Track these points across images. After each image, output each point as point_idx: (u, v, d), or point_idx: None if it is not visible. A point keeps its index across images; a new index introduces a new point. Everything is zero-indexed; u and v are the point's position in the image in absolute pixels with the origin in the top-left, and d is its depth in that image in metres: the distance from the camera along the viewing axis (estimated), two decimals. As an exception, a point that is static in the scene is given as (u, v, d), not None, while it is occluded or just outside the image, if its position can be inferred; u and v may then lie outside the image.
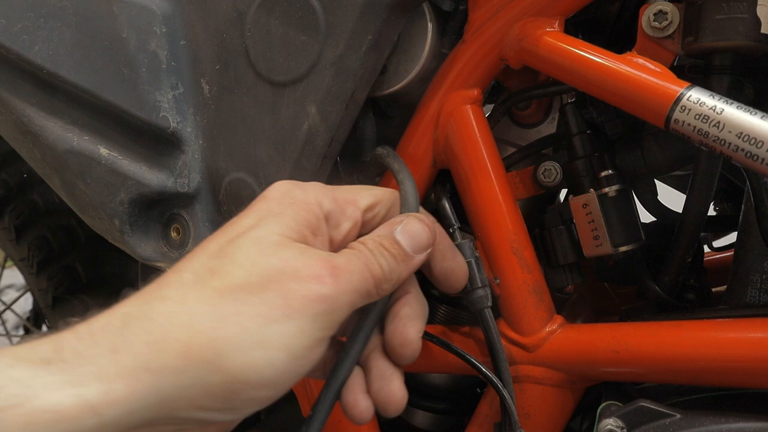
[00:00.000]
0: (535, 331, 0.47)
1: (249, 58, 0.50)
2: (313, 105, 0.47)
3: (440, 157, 0.50)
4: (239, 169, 0.52)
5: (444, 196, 0.49)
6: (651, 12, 0.43)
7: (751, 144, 0.36)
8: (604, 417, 0.43)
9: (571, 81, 0.44)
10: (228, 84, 0.52)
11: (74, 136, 0.54)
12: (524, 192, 0.52)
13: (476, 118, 0.48)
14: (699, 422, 0.40)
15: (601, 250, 0.48)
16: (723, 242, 0.74)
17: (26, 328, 1.30)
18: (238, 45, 0.50)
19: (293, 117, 0.48)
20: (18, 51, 0.51)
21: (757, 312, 0.42)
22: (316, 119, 0.47)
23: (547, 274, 0.50)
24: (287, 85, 0.48)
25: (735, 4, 0.40)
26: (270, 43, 0.48)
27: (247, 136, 0.51)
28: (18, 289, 1.39)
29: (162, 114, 0.53)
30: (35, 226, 0.94)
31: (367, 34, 0.45)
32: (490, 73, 0.49)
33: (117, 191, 0.54)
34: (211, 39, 0.52)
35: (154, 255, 0.57)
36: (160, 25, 0.54)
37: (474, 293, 0.45)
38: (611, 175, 0.48)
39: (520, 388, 0.47)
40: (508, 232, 0.47)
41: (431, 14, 0.48)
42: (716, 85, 0.42)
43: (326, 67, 0.46)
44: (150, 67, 0.53)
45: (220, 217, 0.54)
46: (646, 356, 0.43)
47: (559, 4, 0.45)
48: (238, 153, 0.52)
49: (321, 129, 0.47)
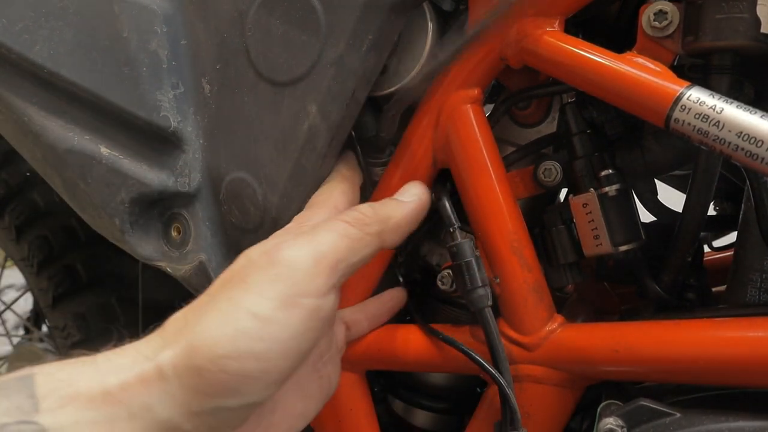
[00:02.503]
0: (535, 330, 0.47)
1: (249, 58, 0.50)
2: (313, 104, 0.47)
3: (440, 157, 0.50)
4: (240, 168, 0.52)
5: (444, 196, 0.49)
6: (651, 12, 0.43)
7: (751, 143, 0.36)
8: (604, 416, 0.43)
9: (571, 81, 0.44)
10: (228, 83, 0.52)
11: (75, 136, 0.54)
12: (524, 191, 0.52)
13: (476, 117, 0.48)
14: (699, 421, 0.40)
15: (601, 249, 0.48)
16: (723, 242, 0.74)
17: (26, 328, 1.30)
18: (239, 44, 0.50)
19: (294, 116, 0.48)
20: (19, 50, 0.51)
21: (756, 311, 0.42)
22: (316, 119, 0.47)
23: (547, 273, 0.50)
24: (288, 84, 0.48)
25: (735, 4, 0.40)
26: (270, 43, 0.48)
27: (248, 135, 0.51)
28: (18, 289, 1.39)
29: (163, 113, 0.53)
30: (36, 225, 0.94)
31: (368, 34, 0.45)
32: (490, 73, 0.49)
33: (118, 190, 0.54)
34: (212, 38, 0.52)
35: (154, 254, 0.57)
36: (161, 25, 0.54)
37: (474, 292, 0.45)
38: (611, 175, 0.48)
39: (520, 387, 0.47)
40: (508, 231, 0.47)
41: (431, 14, 0.49)
42: (716, 85, 0.42)
43: (327, 67, 0.46)
44: (151, 67, 0.53)
45: (221, 217, 0.55)
46: (646, 355, 0.43)
47: (559, 4, 0.45)
48: (238, 152, 0.52)
49: (321, 128, 0.47)
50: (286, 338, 0.35)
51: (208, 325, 0.35)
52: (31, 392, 0.32)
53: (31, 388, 0.32)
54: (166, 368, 0.34)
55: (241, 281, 0.37)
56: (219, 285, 0.38)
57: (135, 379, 0.34)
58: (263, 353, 0.35)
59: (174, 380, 0.34)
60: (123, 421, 0.33)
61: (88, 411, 0.32)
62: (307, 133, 0.48)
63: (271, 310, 0.35)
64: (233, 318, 0.35)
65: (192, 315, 0.37)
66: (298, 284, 0.36)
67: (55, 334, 0.94)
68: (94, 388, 0.33)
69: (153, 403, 0.34)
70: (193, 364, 0.34)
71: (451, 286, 0.51)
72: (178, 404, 0.34)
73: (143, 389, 0.34)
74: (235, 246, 0.54)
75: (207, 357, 0.34)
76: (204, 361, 0.34)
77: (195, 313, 0.37)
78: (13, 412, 0.30)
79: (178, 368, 0.34)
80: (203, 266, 0.54)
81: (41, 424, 0.30)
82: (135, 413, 0.33)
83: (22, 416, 0.30)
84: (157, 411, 0.34)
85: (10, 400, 0.31)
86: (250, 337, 0.34)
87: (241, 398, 0.35)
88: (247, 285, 0.36)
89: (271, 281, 0.36)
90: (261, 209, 0.51)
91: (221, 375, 0.34)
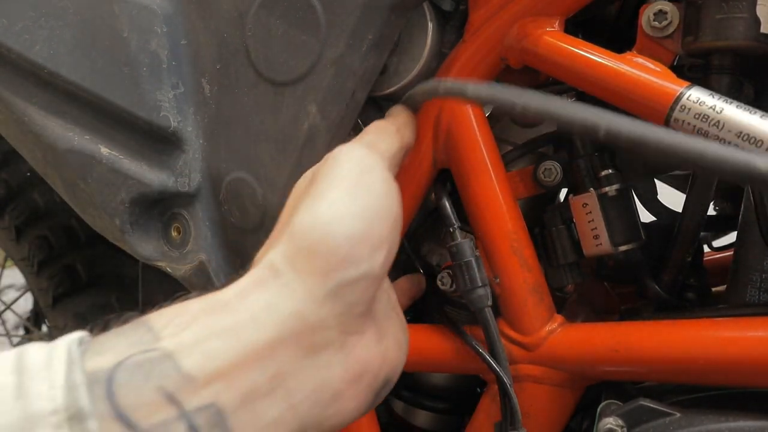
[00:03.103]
0: (535, 330, 0.47)
1: (249, 58, 0.50)
2: (313, 104, 0.47)
3: (440, 157, 0.50)
4: (240, 168, 0.52)
5: (444, 196, 0.49)
6: (651, 12, 0.43)
7: (750, 143, 0.36)
8: (604, 416, 0.43)
9: (571, 80, 0.44)
10: (228, 83, 0.52)
11: (75, 136, 0.54)
12: (524, 191, 0.52)
13: (477, 117, 0.48)
14: (699, 421, 0.40)
15: (601, 249, 0.48)
16: (723, 242, 0.74)
17: (26, 328, 1.30)
18: (239, 44, 0.50)
19: (294, 116, 0.48)
20: (19, 50, 0.51)
21: (756, 311, 0.42)
22: (316, 119, 0.47)
23: (547, 273, 0.50)
24: (288, 84, 0.48)
25: (735, 4, 0.40)
26: (270, 43, 0.48)
27: (248, 135, 0.51)
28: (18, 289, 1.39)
29: (163, 113, 0.53)
30: (36, 225, 0.94)
31: (368, 34, 0.45)
32: (490, 73, 0.49)
33: (118, 191, 0.54)
34: (212, 38, 0.52)
35: (154, 254, 0.57)
36: (161, 25, 0.54)
37: (474, 292, 0.45)
38: (611, 175, 0.48)
39: (520, 387, 0.47)
40: (508, 231, 0.47)
41: (431, 14, 0.49)
42: (716, 85, 0.42)
43: (327, 67, 0.46)
44: (151, 67, 0.53)
45: (221, 217, 0.55)
46: (646, 355, 0.43)
47: (559, 4, 0.45)
48: (238, 152, 0.52)
49: (321, 129, 0.47)
50: (374, 200, 0.36)
51: (302, 212, 0.35)
52: (148, 327, 0.31)
53: (147, 324, 0.31)
54: (277, 263, 0.34)
55: (312, 181, 0.38)
56: (293, 196, 0.39)
57: (250, 285, 0.33)
58: (359, 212, 0.35)
59: (289, 271, 0.34)
60: (248, 328, 0.32)
61: (210, 327, 0.31)
62: (307, 133, 0.48)
63: (352, 181, 0.36)
64: (323, 198, 0.35)
65: (284, 218, 0.38)
66: (363, 161, 0.38)
67: (56, 334, 0.94)
68: (212, 307, 0.32)
69: (274, 300, 0.33)
70: (301, 246, 0.34)
71: (451, 286, 0.51)
72: (299, 294, 0.33)
73: (262, 290, 0.33)
74: (235, 246, 0.54)
75: (311, 233, 0.34)
76: (310, 239, 0.34)
77: (285, 217, 0.38)
78: (136, 344, 0.30)
79: (288, 257, 0.34)
80: (203, 266, 0.54)
81: (166, 348, 0.30)
82: (258, 316, 0.32)
83: (145, 346, 0.30)
84: (280, 308, 0.33)
85: (128, 338, 0.30)
86: (343, 203, 0.35)
87: (356, 267, 0.34)
88: (317, 179, 0.37)
89: (340, 167, 0.37)
90: (261, 209, 0.51)
91: (330, 242, 0.33)
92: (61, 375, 0.27)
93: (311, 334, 0.33)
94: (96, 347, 0.29)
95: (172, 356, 0.29)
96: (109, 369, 0.28)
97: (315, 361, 0.33)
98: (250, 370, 0.31)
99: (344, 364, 0.35)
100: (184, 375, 0.29)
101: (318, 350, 0.34)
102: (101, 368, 0.28)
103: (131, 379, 0.28)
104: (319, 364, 0.34)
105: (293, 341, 0.32)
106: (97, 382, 0.27)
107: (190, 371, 0.29)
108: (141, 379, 0.28)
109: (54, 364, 0.27)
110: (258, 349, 0.31)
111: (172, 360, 0.29)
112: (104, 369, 0.28)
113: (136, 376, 0.28)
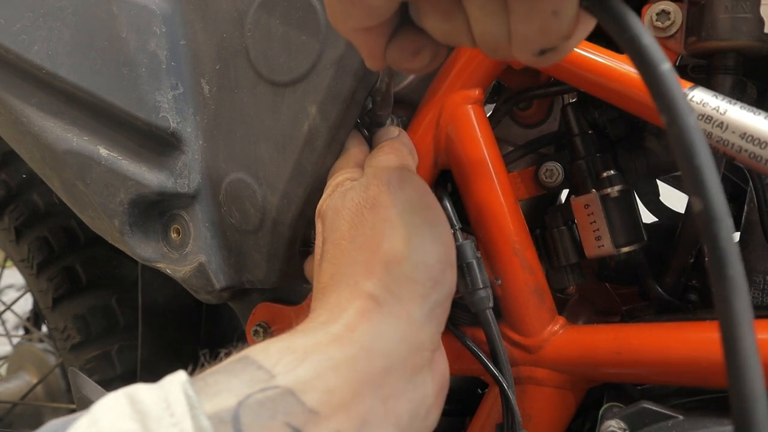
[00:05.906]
0: (536, 332, 0.47)
1: (249, 58, 0.49)
2: (313, 105, 0.47)
3: (441, 158, 0.50)
4: (239, 169, 0.51)
5: (445, 197, 0.49)
6: (654, 12, 0.43)
7: (754, 145, 0.36)
8: (606, 418, 0.43)
9: (572, 81, 0.44)
10: (228, 84, 0.51)
11: (74, 137, 0.54)
12: (526, 192, 0.52)
13: (477, 118, 0.48)
14: (701, 424, 0.40)
15: (602, 250, 0.47)
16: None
17: (26, 328, 1.30)
18: (238, 45, 0.50)
19: (293, 117, 0.48)
20: (17, 51, 0.51)
21: (759, 313, 0.42)
22: (316, 119, 0.47)
23: (548, 274, 0.50)
24: (287, 85, 0.48)
25: (738, 4, 0.40)
26: (270, 43, 0.48)
27: (248, 136, 0.51)
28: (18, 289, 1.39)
29: (162, 114, 0.53)
30: (35, 227, 0.93)
31: (368, 34, 0.45)
32: (491, 73, 0.48)
33: (117, 192, 0.54)
34: (211, 39, 0.52)
35: (154, 256, 0.56)
36: (160, 25, 0.54)
37: (475, 294, 0.45)
38: (613, 176, 0.48)
39: (521, 389, 0.47)
40: (509, 232, 0.47)
41: (432, 14, 0.48)
42: (719, 86, 0.42)
43: (326, 67, 0.46)
44: (150, 67, 0.53)
45: (220, 218, 0.54)
46: (648, 357, 0.42)
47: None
48: (238, 153, 0.51)
49: (321, 129, 0.47)
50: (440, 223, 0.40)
51: (389, 241, 0.37)
52: (258, 365, 0.31)
53: (255, 363, 0.31)
54: (377, 294, 0.35)
55: (375, 206, 0.39)
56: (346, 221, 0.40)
57: (355, 317, 0.35)
58: (438, 236, 0.39)
59: (390, 300, 0.35)
60: (361, 359, 0.33)
61: (325, 362, 0.32)
62: (307, 133, 0.47)
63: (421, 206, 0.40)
64: (406, 226, 0.38)
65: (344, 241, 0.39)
66: (419, 185, 0.41)
67: (55, 335, 0.94)
68: (322, 341, 0.33)
69: (382, 330, 0.34)
70: (399, 274, 0.36)
71: (452, 287, 0.50)
72: (403, 320, 0.35)
73: (368, 321, 0.34)
74: (235, 247, 0.54)
75: (408, 262, 0.36)
76: (407, 267, 0.36)
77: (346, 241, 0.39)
78: (251, 383, 0.30)
79: (387, 286, 0.36)
80: (203, 267, 0.54)
81: (285, 386, 0.30)
82: (369, 347, 0.33)
83: (262, 384, 0.30)
84: (388, 336, 0.34)
85: (239, 377, 0.30)
86: (424, 228, 0.38)
87: (443, 287, 0.38)
88: (383, 204, 0.39)
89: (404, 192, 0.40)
90: (261, 210, 0.50)
91: (425, 269, 0.37)
92: (187, 420, 0.27)
93: (413, 358, 0.35)
94: (208, 389, 0.29)
95: (293, 393, 0.30)
96: (233, 409, 0.28)
97: (415, 382, 0.35)
98: (367, 399, 0.32)
99: (433, 380, 0.37)
100: (308, 410, 0.30)
101: (417, 371, 0.36)
102: (223, 409, 0.28)
103: (257, 417, 0.28)
104: (418, 383, 0.36)
105: (400, 366, 0.34)
106: (221, 422, 0.28)
107: (313, 406, 0.30)
108: (266, 417, 0.29)
109: (175, 409, 0.27)
110: (372, 378, 0.33)
111: (294, 396, 0.30)
112: (227, 410, 0.28)
113: (262, 415, 0.29)
